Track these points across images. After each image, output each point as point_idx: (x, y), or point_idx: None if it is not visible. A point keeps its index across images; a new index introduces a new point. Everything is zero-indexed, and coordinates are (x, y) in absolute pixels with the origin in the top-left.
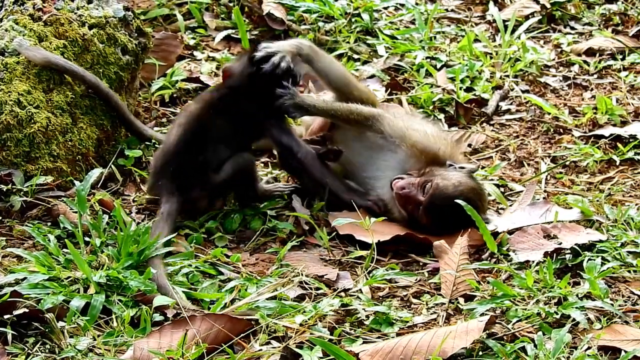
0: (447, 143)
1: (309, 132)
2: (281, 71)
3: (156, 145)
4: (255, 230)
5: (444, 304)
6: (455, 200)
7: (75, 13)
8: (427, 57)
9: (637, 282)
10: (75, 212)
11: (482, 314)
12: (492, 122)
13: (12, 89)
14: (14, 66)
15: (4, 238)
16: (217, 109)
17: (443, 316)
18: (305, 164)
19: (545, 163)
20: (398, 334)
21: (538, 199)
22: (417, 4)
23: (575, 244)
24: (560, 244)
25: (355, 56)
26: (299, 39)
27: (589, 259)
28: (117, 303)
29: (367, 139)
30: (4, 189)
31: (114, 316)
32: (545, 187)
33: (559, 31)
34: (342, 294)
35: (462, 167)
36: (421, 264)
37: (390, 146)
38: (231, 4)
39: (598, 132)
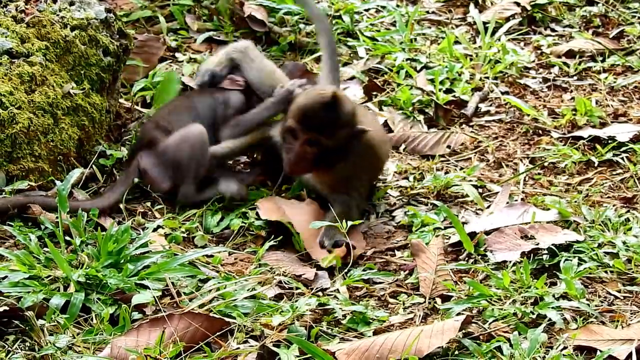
0: None
1: None
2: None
3: None
4: (234, 229)
5: (421, 303)
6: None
7: (58, 15)
8: (407, 59)
9: (613, 283)
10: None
11: (458, 314)
12: (471, 124)
13: None
14: None
15: None
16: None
17: (420, 316)
18: None
19: (524, 164)
20: (375, 333)
21: (516, 200)
22: (398, 6)
23: (552, 245)
24: (538, 244)
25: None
26: (236, 44)
27: (566, 260)
28: (97, 301)
29: None
30: None
31: (93, 314)
32: (523, 188)
33: (539, 33)
34: (320, 293)
35: None
36: (398, 264)
37: None
38: (213, 6)
39: (577, 133)
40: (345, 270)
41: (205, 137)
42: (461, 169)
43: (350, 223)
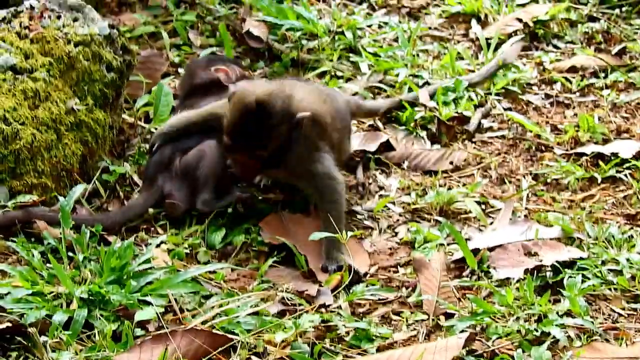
0: None
1: None
2: None
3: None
4: (237, 245)
5: (424, 320)
6: None
7: (61, 31)
8: (409, 75)
9: (617, 300)
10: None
11: (462, 331)
12: (474, 140)
13: None
14: (0, 83)
15: None
16: None
17: (423, 333)
18: None
19: (527, 180)
20: (378, 350)
21: (519, 217)
22: (400, 22)
23: (556, 262)
24: (541, 261)
25: (339, 74)
26: None
27: (570, 277)
28: (99, 318)
29: None
30: None
31: (95, 331)
32: (526, 205)
33: (542, 49)
34: (323, 310)
35: None
36: (401, 280)
37: None
38: (216, 22)
39: (580, 150)
40: (348, 287)
41: (219, 149)
42: (464, 185)
43: (350, 234)
